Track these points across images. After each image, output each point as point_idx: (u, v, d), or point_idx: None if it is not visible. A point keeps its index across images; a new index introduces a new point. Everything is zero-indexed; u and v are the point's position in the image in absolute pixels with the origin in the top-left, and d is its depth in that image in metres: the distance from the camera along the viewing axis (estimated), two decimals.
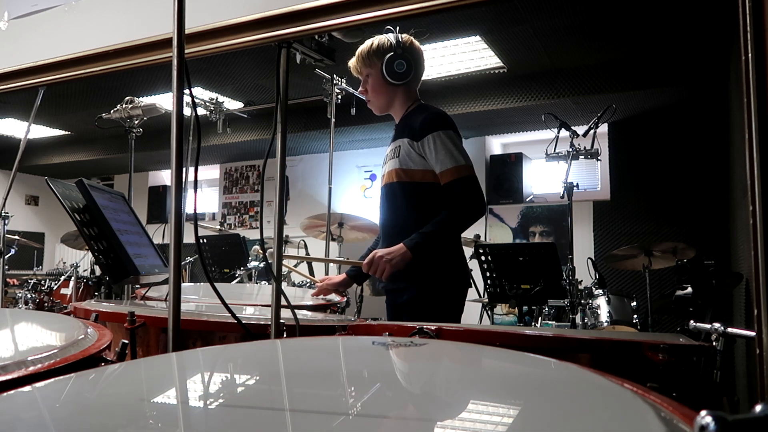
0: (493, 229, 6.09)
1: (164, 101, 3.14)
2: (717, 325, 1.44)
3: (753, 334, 0.86)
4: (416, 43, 2.08)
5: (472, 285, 3.15)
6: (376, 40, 2.06)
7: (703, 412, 0.35)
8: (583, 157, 3.27)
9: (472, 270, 2.62)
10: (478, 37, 4.28)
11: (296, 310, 1.38)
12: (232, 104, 5.78)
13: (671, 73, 4.58)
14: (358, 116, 4.68)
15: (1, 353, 0.85)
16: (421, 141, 1.95)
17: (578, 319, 3.26)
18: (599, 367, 0.75)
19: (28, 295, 4.43)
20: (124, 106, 2.88)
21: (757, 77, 0.85)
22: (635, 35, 4.24)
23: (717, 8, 3.67)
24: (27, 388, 0.65)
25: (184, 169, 1.21)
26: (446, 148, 1.93)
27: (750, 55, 0.85)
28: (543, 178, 6.23)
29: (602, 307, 3.64)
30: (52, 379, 0.68)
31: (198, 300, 2.12)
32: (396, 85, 2.04)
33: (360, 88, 2.16)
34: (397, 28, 2.04)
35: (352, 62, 2.12)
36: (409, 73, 2.02)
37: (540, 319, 3.66)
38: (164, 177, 8.60)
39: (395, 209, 2.05)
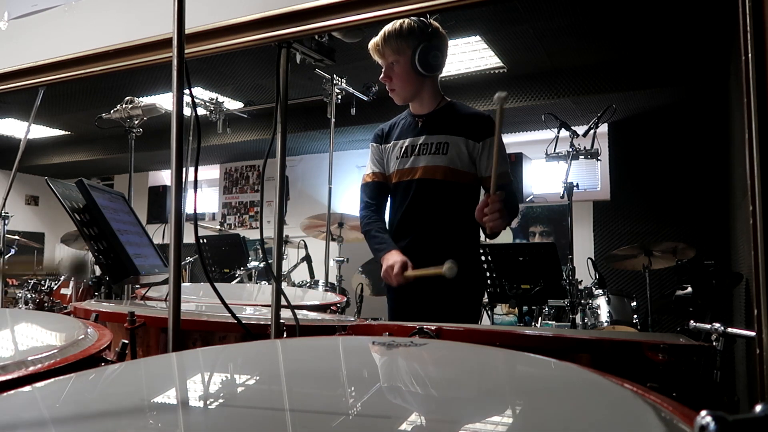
0: None
1: (164, 101, 3.14)
2: (717, 325, 1.44)
3: (753, 334, 0.86)
4: (441, 29, 1.96)
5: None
6: (405, 23, 1.89)
7: (703, 412, 0.35)
8: (583, 157, 3.27)
9: None
10: (478, 37, 4.28)
11: (296, 310, 1.38)
12: (232, 104, 5.78)
13: (671, 73, 4.58)
14: (358, 116, 4.68)
15: (1, 353, 0.85)
16: (483, 142, 1.90)
17: (578, 319, 3.26)
18: (599, 367, 0.75)
19: (28, 295, 4.43)
20: (124, 106, 2.88)
21: (757, 77, 0.85)
22: (635, 35, 4.24)
23: (717, 8, 3.67)
24: (27, 388, 0.65)
25: (184, 169, 1.21)
26: (503, 153, 1.90)
27: (750, 55, 0.85)
28: (543, 178, 6.23)
29: (602, 307, 3.64)
30: (52, 379, 0.68)
31: (198, 300, 2.11)
32: (426, 76, 1.93)
33: (382, 75, 1.97)
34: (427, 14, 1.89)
35: (375, 46, 1.94)
36: (442, 64, 1.94)
37: (540, 319, 3.66)
38: (164, 177, 8.60)
39: (432, 207, 1.96)
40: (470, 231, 2.00)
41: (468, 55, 4.60)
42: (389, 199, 2.10)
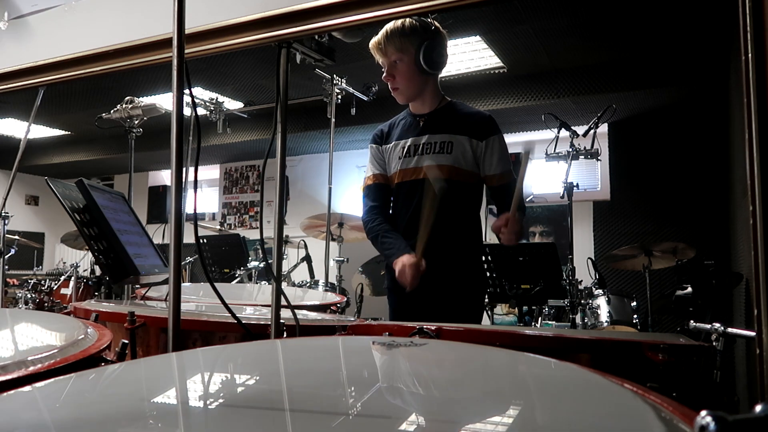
0: None
1: (164, 101, 3.14)
2: (717, 325, 1.44)
3: (753, 334, 0.85)
4: (441, 28, 1.96)
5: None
6: (407, 21, 1.89)
7: (703, 412, 0.35)
8: (583, 157, 3.27)
9: None
10: (478, 37, 4.28)
11: (296, 310, 1.38)
12: (232, 104, 5.78)
13: (671, 73, 4.58)
14: (358, 116, 4.69)
15: (1, 353, 0.85)
16: (486, 140, 1.92)
17: (578, 319, 3.26)
18: (599, 367, 0.75)
19: (28, 295, 4.43)
20: (124, 106, 2.88)
21: (757, 77, 0.85)
22: (635, 35, 4.24)
23: (717, 8, 3.67)
24: (27, 388, 0.65)
25: (184, 169, 1.21)
26: (506, 152, 1.95)
27: (750, 55, 0.85)
28: (543, 178, 6.23)
29: (602, 307, 3.64)
30: (52, 379, 0.68)
31: (198, 300, 2.11)
32: (429, 74, 1.94)
33: (385, 74, 1.95)
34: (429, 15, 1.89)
35: (377, 44, 1.93)
36: (444, 62, 1.95)
37: (540, 319, 3.66)
38: (164, 177, 8.61)
39: (438, 207, 1.90)
40: (474, 231, 2.01)
41: (468, 55, 4.60)
42: (392, 199, 2.09)
